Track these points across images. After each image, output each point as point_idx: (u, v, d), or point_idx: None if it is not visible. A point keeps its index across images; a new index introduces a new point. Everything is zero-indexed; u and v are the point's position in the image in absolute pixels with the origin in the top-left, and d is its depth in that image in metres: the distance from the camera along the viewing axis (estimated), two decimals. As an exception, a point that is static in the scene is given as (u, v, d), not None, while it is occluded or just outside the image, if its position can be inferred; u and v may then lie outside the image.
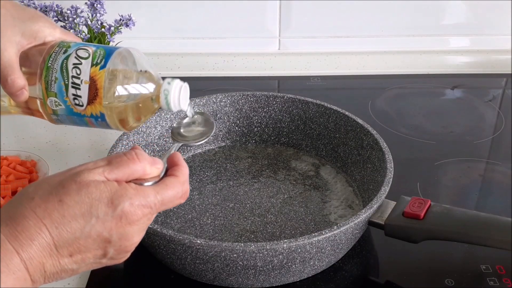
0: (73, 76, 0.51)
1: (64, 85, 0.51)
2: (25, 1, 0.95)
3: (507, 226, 0.60)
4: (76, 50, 0.52)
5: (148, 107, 0.53)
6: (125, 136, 0.76)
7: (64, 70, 0.51)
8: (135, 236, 0.43)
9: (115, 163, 0.43)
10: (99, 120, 0.52)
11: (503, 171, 0.85)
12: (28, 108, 0.55)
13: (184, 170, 0.47)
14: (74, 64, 0.51)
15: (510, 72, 1.15)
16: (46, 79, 0.52)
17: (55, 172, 0.66)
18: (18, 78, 0.51)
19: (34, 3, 0.96)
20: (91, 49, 0.52)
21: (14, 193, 0.76)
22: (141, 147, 0.79)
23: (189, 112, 0.57)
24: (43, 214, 0.40)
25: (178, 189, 0.45)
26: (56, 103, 0.52)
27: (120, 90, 0.51)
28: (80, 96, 0.51)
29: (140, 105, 0.53)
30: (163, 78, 0.54)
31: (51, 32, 0.55)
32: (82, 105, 0.51)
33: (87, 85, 0.51)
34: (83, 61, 0.51)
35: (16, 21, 0.53)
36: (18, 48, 0.53)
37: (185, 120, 0.60)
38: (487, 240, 0.61)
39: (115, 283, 0.66)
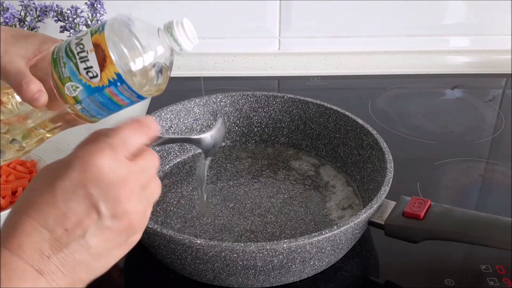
0: (78, 53, 0.51)
1: (73, 64, 0.51)
2: (25, 1, 0.95)
3: (507, 226, 0.60)
4: (75, 35, 0.53)
5: (161, 57, 0.53)
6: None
7: (69, 52, 0.52)
8: (115, 181, 0.41)
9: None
10: (119, 85, 0.51)
11: (503, 171, 0.85)
12: (58, 117, 0.55)
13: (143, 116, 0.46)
14: (76, 43, 0.52)
15: (510, 72, 1.15)
16: (56, 69, 0.52)
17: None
18: (32, 81, 0.51)
19: (34, 3, 0.96)
20: (87, 29, 0.53)
21: (14, 193, 0.76)
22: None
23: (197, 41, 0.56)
24: (21, 206, 0.41)
25: (134, 123, 0.44)
26: (73, 87, 0.52)
27: (125, 43, 0.51)
28: (91, 67, 0.51)
29: (149, 56, 0.52)
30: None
31: (53, 41, 0.55)
32: (96, 76, 0.51)
33: (93, 52, 0.51)
34: (83, 37, 0.52)
35: (16, 38, 0.54)
36: (25, 60, 0.53)
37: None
38: (487, 240, 0.61)
39: (115, 283, 0.66)
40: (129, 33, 0.52)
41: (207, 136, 0.55)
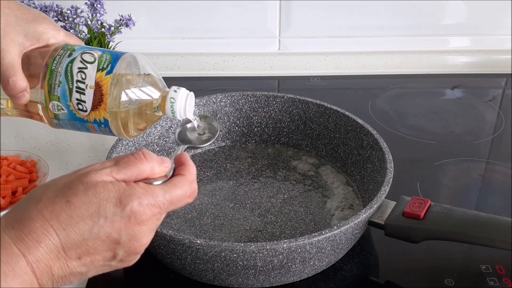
0: (78, 81, 0.50)
1: (68, 89, 0.50)
2: (25, 1, 0.95)
3: (507, 226, 0.60)
4: (82, 54, 0.51)
5: (153, 115, 0.53)
6: (125, 136, 0.76)
7: (69, 74, 0.50)
8: (145, 237, 0.42)
9: (122, 163, 0.43)
10: (102, 126, 0.51)
11: (503, 171, 0.85)
12: (27, 111, 0.54)
13: (191, 170, 0.46)
14: (79, 68, 0.50)
15: (510, 72, 1.15)
16: (50, 82, 0.51)
17: (55, 172, 0.66)
18: (20, 80, 0.51)
19: (34, 3, 0.96)
20: (96, 53, 0.51)
21: (14, 193, 0.76)
22: (141, 147, 0.79)
23: (195, 122, 0.57)
24: (50, 215, 0.39)
25: (186, 188, 0.45)
26: (59, 107, 0.51)
27: (125, 96, 0.50)
28: (84, 102, 0.50)
29: (145, 112, 0.52)
30: (168, 85, 0.54)
31: (54, 35, 0.54)
32: (85, 111, 0.51)
33: (92, 90, 0.50)
34: (88, 65, 0.50)
35: (19, 21, 0.53)
36: (21, 49, 0.52)
37: (189, 125, 0.59)
38: (487, 240, 0.61)
39: (115, 283, 0.66)
40: (133, 85, 0.51)
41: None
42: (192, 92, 0.54)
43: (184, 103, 0.52)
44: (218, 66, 1.15)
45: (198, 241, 0.57)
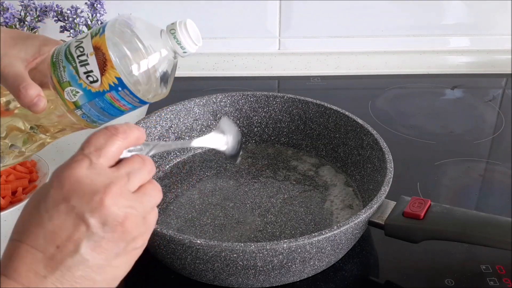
0: (78, 56, 0.50)
1: (73, 68, 0.50)
2: (25, 1, 0.95)
3: (507, 226, 0.60)
4: (75, 37, 0.52)
5: (163, 60, 0.51)
6: (125, 136, 0.76)
7: (69, 56, 0.50)
8: (92, 187, 0.39)
9: None
10: (120, 90, 0.50)
11: (503, 171, 0.85)
12: (58, 124, 0.54)
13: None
14: (76, 46, 0.50)
15: (510, 72, 1.15)
16: (56, 73, 0.51)
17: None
18: (30, 85, 0.50)
19: (34, 3, 0.96)
20: (88, 31, 0.52)
21: (14, 193, 0.76)
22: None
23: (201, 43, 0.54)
24: (13, 233, 0.41)
25: (102, 130, 0.43)
26: (73, 92, 0.50)
27: (126, 46, 0.50)
28: (91, 71, 0.49)
29: (152, 58, 0.51)
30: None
31: (54, 43, 0.54)
32: (96, 80, 0.49)
33: (93, 56, 0.49)
34: (83, 39, 0.51)
35: (16, 40, 0.53)
36: (25, 64, 0.52)
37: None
38: (487, 240, 0.61)
39: (115, 283, 0.66)
40: (130, 35, 0.50)
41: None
42: (188, 19, 0.52)
43: (185, 31, 0.51)
44: (218, 66, 1.15)
45: (198, 241, 0.57)
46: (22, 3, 0.95)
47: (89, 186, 0.39)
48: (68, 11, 0.92)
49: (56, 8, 0.93)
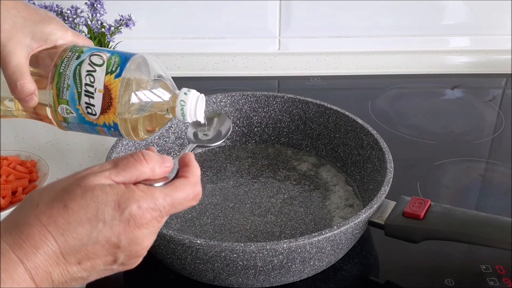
0: (86, 84, 0.49)
1: (77, 92, 0.49)
2: (25, 1, 0.95)
3: (507, 226, 0.60)
4: (90, 56, 0.50)
5: (163, 117, 0.52)
6: (125, 136, 0.76)
7: (77, 77, 0.50)
8: (145, 240, 0.42)
9: (121, 165, 0.42)
10: (112, 130, 0.51)
11: (503, 171, 0.85)
12: (36, 114, 0.53)
13: (195, 171, 0.45)
14: (88, 71, 0.49)
15: (510, 72, 1.15)
16: (58, 85, 0.50)
17: (55, 172, 0.66)
18: (28, 83, 0.50)
19: (34, 3, 0.96)
20: (105, 55, 0.51)
21: (14, 193, 0.76)
22: (141, 147, 0.79)
23: (203, 121, 0.56)
24: (47, 221, 0.38)
25: (189, 191, 0.44)
26: (68, 111, 0.51)
27: (135, 100, 0.50)
28: (93, 105, 0.49)
29: (155, 114, 0.51)
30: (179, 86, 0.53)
31: (62, 35, 0.53)
32: (95, 114, 0.50)
33: (101, 94, 0.49)
34: (97, 68, 0.50)
35: (27, 22, 0.52)
36: (28, 51, 0.51)
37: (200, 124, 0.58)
38: (487, 240, 0.61)
39: (115, 283, 0.66)
40: (143, 88, 0.50)
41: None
42: (202, 94, 0.53)
43: (194, 106, 0.51)
44: (218, 66, 1.15)
45: (198, 241, 0.57)
46: (29, 3, 0.95)
47: (142, 238, 0.41)
48: (68, 11, 0.92)
49: (56, 8, 0.93)
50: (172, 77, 0.56)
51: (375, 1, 1.11)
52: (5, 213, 0.72)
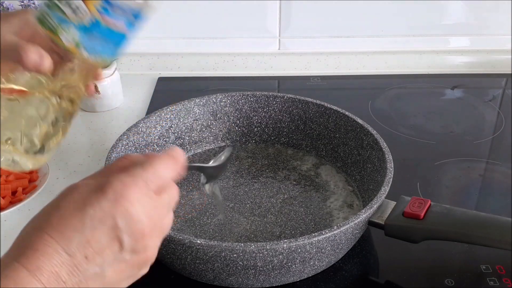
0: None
1: (58, 10, 0.50)
2: (25, 1, 0.95)
3: (507, 226, 0.60)
4: None
5: None
6: (125, 136, 0.76)
7: (50, 3, 0.50)
8: (144, 218, 0.41)
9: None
10: (110, 7, 0.50)
11: (503, 171, 0.85)
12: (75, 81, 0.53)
13: (174, 147, 0.47)
14: None
15: (510, 72, 1.15)
16: (46, 25, 0.50)
17: (55, 172, 0.66)
18: (30, 47, 0.50)
19: (34, 3, 0.96)
20: None
21: (14, 193, 0.76)
22: (141, 147, 0.79)
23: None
24: (44, 224, 0.39)
25: (166, 158, 0.45)
26: (69, 33, 0.50)
27: None
28: (76, 6, 0.50)
29: None
30: None
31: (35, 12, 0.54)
32: (84, 10, 0.50)
33: None
34: None
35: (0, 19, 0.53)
36: (16, 36, 0.52)
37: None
38: (487, 240, 0.61)
39: (115, 283, 0.66)
40: None
41: (220, 164, 0.59)
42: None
43: None
44: (218, 66, 1.15)
45: (198, 241, 0.57)
46: (22, 3, 0.95)
47: (138, 213, 0.41)
48: (68, 11, 0.92)
49: (56, 8, 0.93)
50: (172, 77, 0.56)
51: (375, 1, 1.11)
52: (5, 213, 0.72)
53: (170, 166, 0.45)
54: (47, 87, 0.53)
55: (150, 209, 0.42)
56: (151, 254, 0.43)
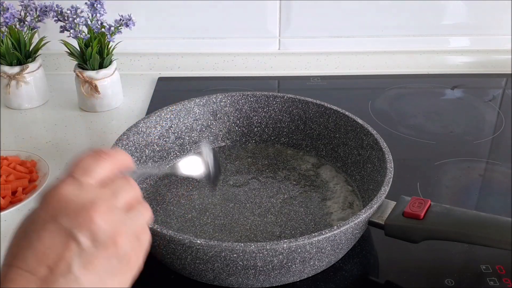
0: None
1: None
2: (25, 1, 0.95)
3: (507, 226, 0.60)
4: None
5: None
6: (125, 136, 0.76)
7: None
8: (79, 201, 0.39)
9: None
10: None
11: (503, 171, 0.85)
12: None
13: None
14: None
15: (510, 72, 1.15)
16: None
17: (55, 172, 0.66)
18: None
19: (34, 3, 0.96)
20: None
21: (14, 193, 0.76)
22: (141, 147, 0.79)
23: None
24: (6, 259, 0.39)
25: (88, 152, 0.43)
26: None
27: None
28: None
29: None
30: None
31: None
32: None
33: None
34: None
35: None
36: None
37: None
38: (487, 240, 0.61)
39: (115, 283, 0.66)
40: None
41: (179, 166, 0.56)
42: None
43: None
44: (218, 66, 1.15)
45: (198, 241, 0.57)
46: (22, 3, 0.95)
47: (76, 203, 0.39)
48: (68, 11, 0.92)
49: (56, 8, 0.93)
50: (172, 77, 0.56)
51: (375, 1, 1.11)
52: (5, 213, 0.72)
53: (99, 160, 0.42)
54: None
55: (89, 197, 0.40)
56: (120, 240, 0.40)
